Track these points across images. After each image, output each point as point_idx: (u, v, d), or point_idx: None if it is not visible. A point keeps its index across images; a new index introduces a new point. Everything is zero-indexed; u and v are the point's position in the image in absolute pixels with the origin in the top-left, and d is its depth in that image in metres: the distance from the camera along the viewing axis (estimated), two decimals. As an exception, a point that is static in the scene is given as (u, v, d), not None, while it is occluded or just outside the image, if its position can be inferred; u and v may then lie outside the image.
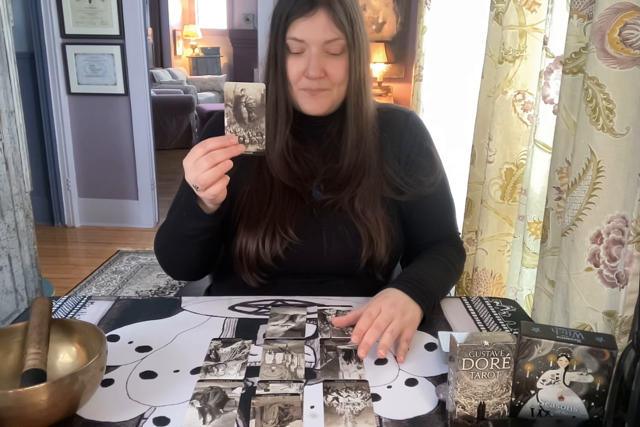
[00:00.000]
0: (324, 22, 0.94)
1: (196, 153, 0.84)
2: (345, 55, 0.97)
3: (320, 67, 0.96)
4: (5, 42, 2.03)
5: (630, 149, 0.86)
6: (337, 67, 0.97)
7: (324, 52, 0.96)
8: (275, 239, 1.01)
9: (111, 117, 3.57)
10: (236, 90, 0.84)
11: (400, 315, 0.86)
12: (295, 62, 0.98)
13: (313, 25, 0.94)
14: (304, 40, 0.95)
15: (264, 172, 1.05)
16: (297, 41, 0.96)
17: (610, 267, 0.90)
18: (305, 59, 0.96)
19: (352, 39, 0.96)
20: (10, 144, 2.01)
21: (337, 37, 0.95)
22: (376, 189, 1.04)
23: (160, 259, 1.08)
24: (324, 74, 0.96)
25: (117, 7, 3.34)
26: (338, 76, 0.98)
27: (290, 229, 1.02)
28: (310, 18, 0.94)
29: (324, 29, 0.94)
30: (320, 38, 0.94)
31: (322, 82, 0.97)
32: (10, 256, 2.04)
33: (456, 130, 1.95)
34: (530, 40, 1.26)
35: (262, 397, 0.70)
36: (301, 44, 0.96)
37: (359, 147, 1.03)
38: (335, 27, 0.94)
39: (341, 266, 1.04)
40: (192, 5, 9.10)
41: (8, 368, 0.73)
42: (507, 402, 0.66)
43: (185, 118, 6.22)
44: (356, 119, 1.02)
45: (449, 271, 1.04)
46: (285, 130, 1.02)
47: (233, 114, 0.85)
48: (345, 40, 0.96)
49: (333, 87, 0.99)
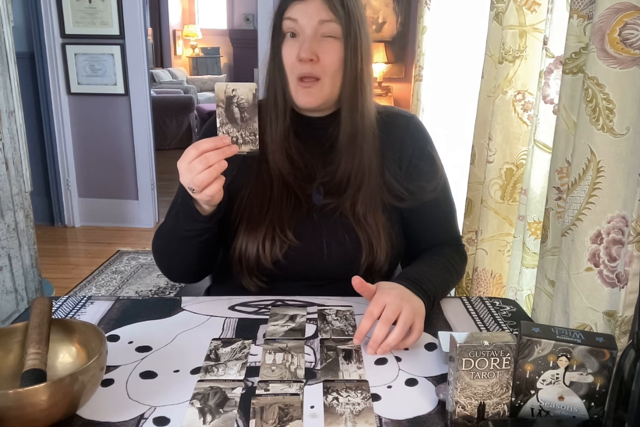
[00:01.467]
0: (319, 5, 0.96)
1: (189, 155, 0.84)
2: (339, 43, 0.97)
3: (312, 50, 0.96)
4: (5, 42, 2.03)
5: (630, 149, 0.86)
6: (329, 52, 0.97)
7: (317, 36, 0.97)
8: (275, 242, 1.01)
9: (111, 117, 3.57)
10: (227, 90, 0.84)
11: (409, 305, 0.85)
12: (290, 48, 0.99)
13: (307, 8, 0.96)
14: (297, 20, 0.97)
15: (263, 174, 1.04)
16: (291, 21, 0.97)
17: (610, 267, 0.90)
18: (299, 43, 0.97)
19: (347, 26, 0.97)
20: (10, 144, 2.01)
21: (330, 19, 0.96)
22: (377, 194, 1.04)
23: (158, 260, 1.08)
24: (315, 57, 0.96)
25: (117, 7, 3.35)
26: (330, 62, 0.97)
27: (290, 232, 1.01)
28: (305, 2, 0.96)
29: (318, 10, 0.96)
30: (314, 19, 0.96)
31: (314, 67, 0.97)
32: (10, 256, 2.04)
33: (456, 130, 1.95)
34: (530, 40, 1.26)
35: (262, 397, 0.70)
36: (295, 25, 0.97)
37: (355, 143, 1.02)
38: (329, 10, 0.96)
39: (340, 270, 1.03)
40: (192, 5, 9.10)
41: (8, 368, 0.73)
42: (507, 402, 0.66)
43: (185, 118, 6.23)
44: (350, 113, 1.01)
45: (449, 271, 1.04)
46: (282, 123, 1.03)
47: (225, 114, 0.84)
48: (339, 26, 0.96)
49: (325, 75, 0.98)
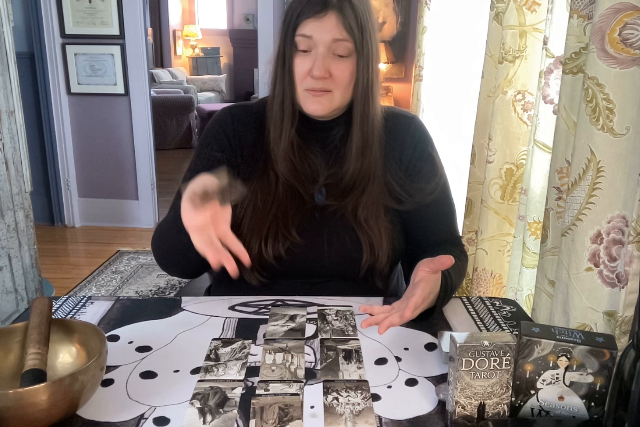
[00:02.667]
0: (333, 24, 0.95)
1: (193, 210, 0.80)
2: (352, 60, 0.98)
3: (325, 68, 0.96)
4: (5, 42, 2.03)
5: (630, 149, 0.86)
6: (342, 69, 0.97)
7: (330, 53, 0.96)
8: (278, 238, 1.01)
9: (111, 117, 3.57)
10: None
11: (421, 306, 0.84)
12: (302, 61, 0.98)
13: (322, 25, 0.95)
14: (312, 36, 0.96)
15: (269, 170, 1.05)
16: (305, 38, 0.96)
17: (610, 267, 0.90)
18: (312, 59, 0.97)
19: (360, 44, 0.96)
20: (10, 144, 2.01)
21: (344, 38, 0.95)
22: (380, 198, 1.04)
23: (157, 255, 1.08)
24: (328, 74, 0.97)
25: (117, 7, 3.34)
26: (342, 79, 0.98)
27: (293, 229, 1.02)
28: (321, 19, 0.95)
29: (332, 29, 0.95)
30: (328, 37, 0.95)
31: (326, 82, 0.97)
32: (10, 256, 2.04)
33: (456, 130, 1.95)
34: (530, 40, 1.26)
35: (262, 397, 0.70)
36: (309, 42, 0.96)
37: (364, 154, 1.03)
38: (343, 30, 0.95)
39: (341, 269, 1.04)
40: (192, 5, 9.10)
41: (8, 368, 0.73)
42: (507, 402, 0.66)
43: (185, 118, 6.23)
44: (362, 125, 1.02)
45: (461, 274, 1.05)
46: (290, 129, 1.03)
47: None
48: (352, 44, 0.96)
49: (336, 89, 0.99)
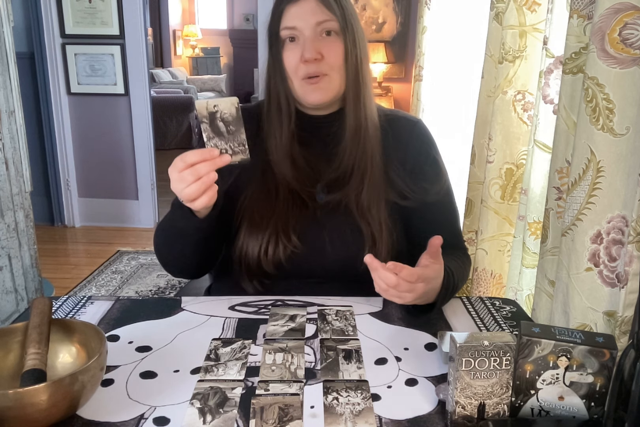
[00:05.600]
0: (313, 6, 0.96)
1: (178, 166, 0.84)
2: (340, 38, 0.98)
3: (316, 49, 0.96)
4: (5, 42, 2.03)
5: (630, 149, 0.86)
6: (332, 48, 0.98)
7: (317, 35, 0.97)
8: (278, 246, 1.00)
9: (111, 117, 3.57)
10: (208, 107, 0.83)
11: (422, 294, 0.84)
12: (291, 52, 0.99)
13: (303, 10, 0.97)
14: (295, 26, 0.97)
15: (268, 176, 1.04)
16: (289, 29, 0.97)
17: (610, 267, 0.90)
18: (300, 45, 0.97)
19: (344, 22, 0.97)
20: (10, 144, 2.01)
21: (328, 18, 0.96)
22: (381, 187, 1.04)
23: (158, 256, 1.08)
24: (320, 55, 0.97)
25: (117, 7, 3.34)
26: (335, 58, 0.98)
27: (294, 236, 1.01)
28: (299, 3, 0.97)
29: (314, 11, 0.96)
30: (312, 21, 0.96)
31: (319, 65, 0.97)
32: (10, 256, 2.04)
33: (456, 130, 1.95)
34: (530, 40, 1.26)
35: (262, 397, 0.70)
36: (294, 32, 0.97)
37: (358, 134, 1.02)
38: (325, 8, 0.96)
39: (342, 269, 1.03)
40: (192, 5, 9.09)
41: (8, 368, 0.73)
42: (507, 402, 0.66)
43: (185, 118, 6.22)
44: (354, 106, 1.02)
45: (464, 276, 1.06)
46: (288, 128, 1.02)
47: (210, 129, 0.84)
48: (337, 22, 0.97)
49: (332, 71, 0.98)
